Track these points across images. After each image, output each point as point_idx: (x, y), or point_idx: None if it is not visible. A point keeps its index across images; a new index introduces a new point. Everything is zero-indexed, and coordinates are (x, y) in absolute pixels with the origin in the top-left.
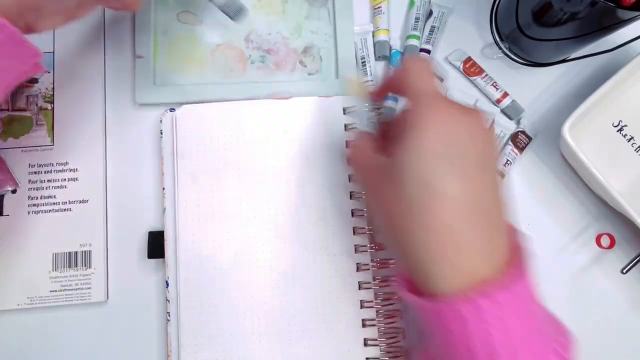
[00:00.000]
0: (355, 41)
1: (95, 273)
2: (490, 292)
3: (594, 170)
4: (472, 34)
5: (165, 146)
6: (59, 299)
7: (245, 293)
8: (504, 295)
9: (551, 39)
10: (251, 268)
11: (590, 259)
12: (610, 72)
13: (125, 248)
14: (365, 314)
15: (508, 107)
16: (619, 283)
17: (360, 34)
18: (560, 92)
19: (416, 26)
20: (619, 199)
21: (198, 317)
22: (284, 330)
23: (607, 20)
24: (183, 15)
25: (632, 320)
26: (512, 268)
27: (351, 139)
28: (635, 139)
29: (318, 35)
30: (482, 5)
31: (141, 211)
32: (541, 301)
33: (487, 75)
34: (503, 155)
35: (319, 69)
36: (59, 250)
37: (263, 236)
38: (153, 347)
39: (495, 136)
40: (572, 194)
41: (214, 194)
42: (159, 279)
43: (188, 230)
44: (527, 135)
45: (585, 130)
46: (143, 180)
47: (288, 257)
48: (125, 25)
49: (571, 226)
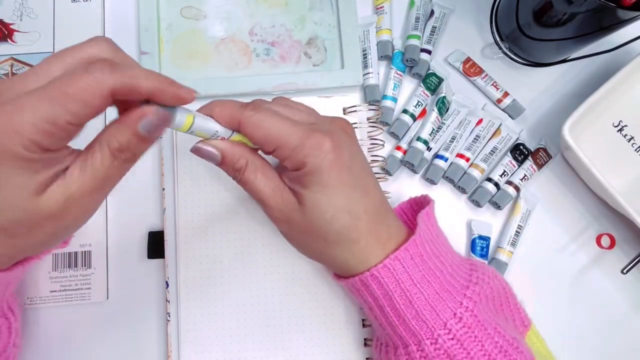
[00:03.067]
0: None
1: (95, 273)
2: (384, 263)
3: (594, 170)
4: (472, 34)
5: (165, 147)
6: (59, 299)
7: (245, 293)
8: (393, 262)
9: (551, 39)
10: (251, 268)
11: (590, 259)
12: (610, 72)
13: (125, 248)
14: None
15: (509, 106)
16: (619, 283)
17: (362, 26)
18: (561, 92)
19: (417, 26)
20: (619, 199)
21: (198, 317)
22: (283, 330)
23: (607, 20)
24: (186, 10)
25: (633, 320)
26: (400, 247)
27: None
28: (635, 139)
29: (322, 27)
30: (482, 6)
31: (141, 211)
32: (439, 257)
33: (487, 75)
34: (521, 170)
35: (324, 60)
36: (59, 251)
37: (263, 236)
38: (153, 347)
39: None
40: (572, 194)
41: (214, 194)
42: (159, 279)
43: (188, 230)
44: (547, 153)
45: (586, 130)
46: (143, 180)
47: (288, 257)
48: (129, 23)
49: (571, 226)
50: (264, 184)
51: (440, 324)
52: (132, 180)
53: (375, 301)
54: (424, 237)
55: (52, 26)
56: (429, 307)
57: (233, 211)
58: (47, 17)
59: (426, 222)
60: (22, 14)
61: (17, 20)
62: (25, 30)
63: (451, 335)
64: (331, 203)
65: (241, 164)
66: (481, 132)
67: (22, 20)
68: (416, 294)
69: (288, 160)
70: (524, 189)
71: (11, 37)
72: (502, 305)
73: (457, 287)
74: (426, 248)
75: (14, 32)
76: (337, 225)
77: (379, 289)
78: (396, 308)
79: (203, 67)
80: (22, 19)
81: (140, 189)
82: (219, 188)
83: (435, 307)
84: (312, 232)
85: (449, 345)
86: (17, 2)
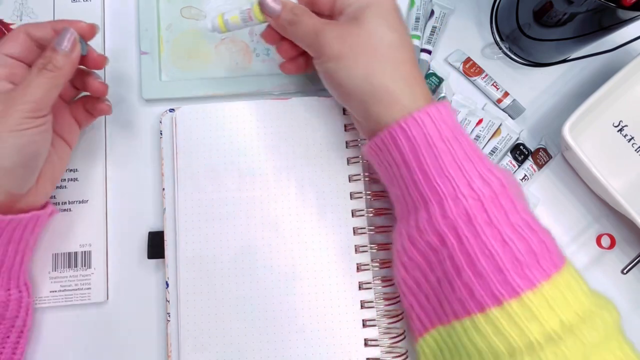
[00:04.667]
0: None
1: (95, 273)
2: (413, 115)
3: (594, 170)
4: (472, 34)
5: (165, 146)
6: (59, 299)
7: (245, 293)
8: (423, 115)
9: (551, 39)
10: (251, 268)
11: (590, 259)
12: (610, 72)
13: (125, 248)
14: (366, 314)
15: (509, 106)
16: (620, 283)
17: None
18: (561, 92)
19: (416, 26)
20: (619, 199)
21: (198, 317)
22: (283, 330)
23: (607, 20)
24: (186, 10)
25: (633, 321)
26: (432, 103)
27: (351, 138)
28: (635, 139)
29: None
30: (482, 6)
31: (141, 211)
32: (465, 135)
33: (487, 75)
34: (521, 170)
35: None
36: (58, 251)
37: (263, 236)
38: (153, 347)
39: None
40: (572, 194)
41: (214, 194)
42: (159, 279)
43: (188, 230)
44: (547, 153)
45: (586, 130)
46: (143, 180)
47: (288, 257)
48: (129, 22)
49: (571, 226)
50: (317, 19)
51: (465, 183)
52: (132, 180)
53: (401, 156)
54: (453, 112)
55: None
56: (455, 165)
57: (233, 211)
58: (47, 17)
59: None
60: (22, 14)
61: (17, 20)
62: None
63: (475, 196)
64: (388, 32)
65: (298, 10)
66: (481, 132)
67: (22, 20)
68: (443, 151)
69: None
70: (524, 189)
71: None
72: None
73: (486, 161)
74: (454, 118)
75: None
76: (388, 56)
77: (407, 142)
78: (421, 163)
79: (203, 67)
80: (22, 19)
81: (140, 189)
82: (219, 188)
83: (462, 166)
84: (368, 53)
85: (471, 205)
86: (17, 2)
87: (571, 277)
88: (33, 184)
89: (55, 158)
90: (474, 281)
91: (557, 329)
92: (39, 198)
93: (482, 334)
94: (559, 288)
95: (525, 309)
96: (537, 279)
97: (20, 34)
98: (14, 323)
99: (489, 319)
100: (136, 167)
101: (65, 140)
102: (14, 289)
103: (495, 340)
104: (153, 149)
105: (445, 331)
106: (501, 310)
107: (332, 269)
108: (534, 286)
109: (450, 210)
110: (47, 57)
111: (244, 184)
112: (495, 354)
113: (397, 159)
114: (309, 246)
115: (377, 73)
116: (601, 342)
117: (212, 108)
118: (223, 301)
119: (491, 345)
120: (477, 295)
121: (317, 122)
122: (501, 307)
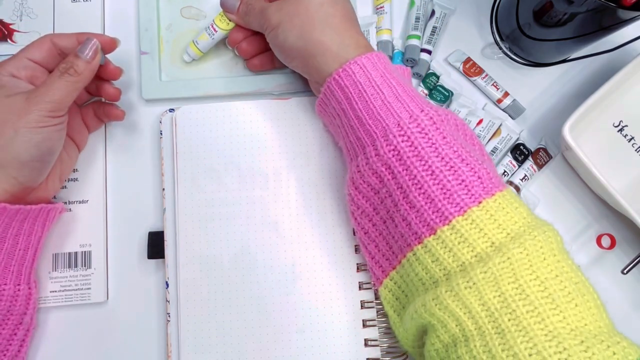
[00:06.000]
0: None
1: (95, 273)
2: (344, 66)
3: (594, 170)
4: (472, 34)
5: (165, 147)
6: (59, 299)
7: (245, 293)
8: (353, 65)
9: (551, 39)
10: (251, 268)
11: (590, 259)
12: (610, 72)
13: (125, 248)
14: (366, 314)
15: (509, 106)
16: (620, 283)
17: (362, 25)
18: (561, 92)
19: (417, 26)
20: (619, 199)
21: (198, 317)
22: (283, 330)
23: (607, 20)
24: (186, 10)
25: (633, 321)
26: (363, 53)
27: None
28: (635, 139)
29: None
30: (482, 6)
31: (141, 211)
32: (398, 79)
33: (487, 75)
34: (521, 170)
35: None
36: (59, 251)
37: (263, 236)
38: (153, 347)
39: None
40: (572, 194)
41: (214, 194)
42: (159, 279)
43: (188, 230)
44: (547, 153)
45: (586, 130)
46: (143, 181)
47: (288, 257)
48: (129, 23)
49: (571, 226)
50: (264, 2)
51: (394, 122)
52: (132, 180)
53: (339, 105)
54: (386, 59)
55: (52, 26)
56: (385, 107)
57: (233, 211)
58: (47, 17)
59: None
60: (22, 14)
61: (17, 20)
62: (25, 30)
63: (403, 133)
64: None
65: (250, 0)
66: (481, 132)
67: (22, 20)
68: (373, 95)
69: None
70: (524, 189)
71: (11, 37)
72: (472, 142)
73: (418, 100)
74: (387, 64)
75: (14, 32)
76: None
77: (341, 92)
78: (355, 109)
79: (203, 67)
80: (22, 19)
81: (140, 189)
82: (219, 188)
83: (391, 108)
84: (300, 15)
85: (399, 142)
86: (17, 2)
87: (506, 202)
88: (44, 179)
89: (65, 157)
90: (410, 213)
91: (488, 250)
92: (48, 193)
93: (423, 264)
94: (490, 212)
95: (457, 234)
96: (466, 205)
97: (46, 41)
98: (22, 320)
99: (426, 248)
100: (136, 167)
101: (75, 142)
102: (24, 284)
103: (434, 267)
104: (153, 149)
105: (397, 273)
106: (436, 237)
107: (332, 269)
108: (463, 211)
109: (383, 149)
110: (70, 62)
111: (244, 184)
112: (435, 281)
113: (337, 108)
114: (309, 246)
115: (309, 29)
116: (533, 261)
117: (212, 108)
118: (223, 301)
119: (431, 272)
120: (414, 227)
121: (317, 122)
122: (435, 235)
